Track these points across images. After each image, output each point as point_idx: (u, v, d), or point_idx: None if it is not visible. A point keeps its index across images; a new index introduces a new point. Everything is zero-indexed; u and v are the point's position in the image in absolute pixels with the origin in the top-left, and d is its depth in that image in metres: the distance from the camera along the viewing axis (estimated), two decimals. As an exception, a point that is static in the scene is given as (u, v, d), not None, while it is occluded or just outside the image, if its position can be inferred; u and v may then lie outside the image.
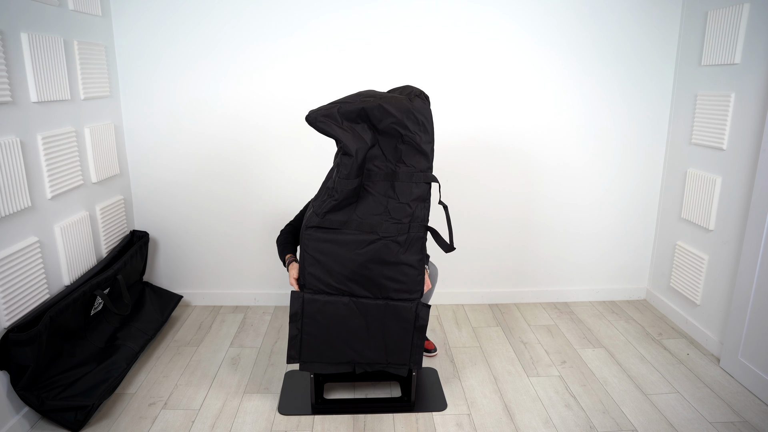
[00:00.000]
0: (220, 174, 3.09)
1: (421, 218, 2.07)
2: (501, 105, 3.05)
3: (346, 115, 1.98)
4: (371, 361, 2.21)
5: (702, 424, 2.19)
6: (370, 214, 2.05)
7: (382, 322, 2.16)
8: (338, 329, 2.16)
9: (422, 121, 1.97)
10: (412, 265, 2.09)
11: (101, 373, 2.27)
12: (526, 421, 2.22)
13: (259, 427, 2.18)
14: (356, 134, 1.98)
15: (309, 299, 2.13)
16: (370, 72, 2.96)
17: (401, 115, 1.95)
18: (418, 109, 1.96)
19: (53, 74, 2.33)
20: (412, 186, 2.04)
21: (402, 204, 2.05)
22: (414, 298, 2.15)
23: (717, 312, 2.73)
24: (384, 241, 2.06)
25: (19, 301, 2.08)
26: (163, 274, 3.25)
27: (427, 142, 2.00)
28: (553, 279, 3.34)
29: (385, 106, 1.95)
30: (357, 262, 2.08)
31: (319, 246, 2.08)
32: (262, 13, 2.88)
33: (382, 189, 2.05)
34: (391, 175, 2.03)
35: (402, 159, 2.02)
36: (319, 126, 1.98)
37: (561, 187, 3.19)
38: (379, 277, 2.10)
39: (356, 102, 1.98)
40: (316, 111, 2.00)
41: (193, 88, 2.96)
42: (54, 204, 2.35)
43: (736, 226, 2.60)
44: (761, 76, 2.43)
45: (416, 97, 1.98)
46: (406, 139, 1.98)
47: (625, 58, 3.02)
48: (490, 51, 2.97)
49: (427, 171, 2.03)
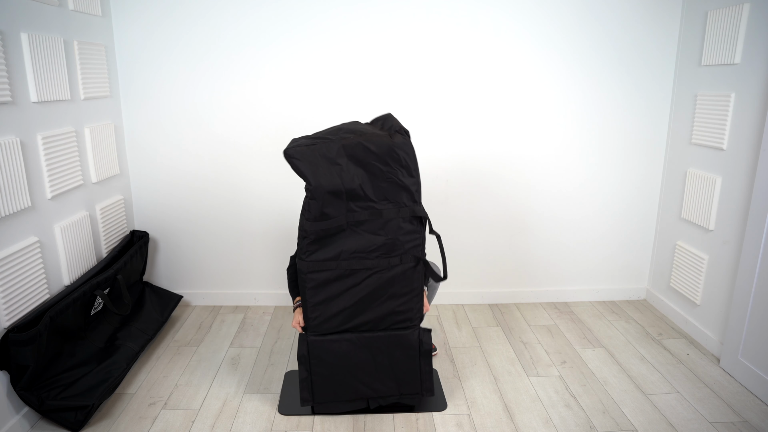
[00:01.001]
0: (220, 174, 3.09)
1: (414, 250, 2.08)
2: (501, 105, 3.05)
3: (324, 155, 1.97)
4: (384, 395, 2.21)
5: (702, 424, 2.19)
6: (360, 251, 2.06)
7: (387, 353, 2.17)
8: (346, 366, 2.16)
9: (403, 158, 1.99)
10: (408, 294, 2.12)
11: (101, 373, 2.27)
12: (526, 421, 2.22)
13: (259, 427, 2.18)
14: (327, 176, 1.96)
15: (314, 341, 2.14)
16: (370, 72, 2.96)
17: (382, 153, 1.96)
18: (399, 145, 1.97)
19: (53, 74, 2.33)
20: (400, 221, 2.05)
21: (391, 239, 2.06)
22: (414, 325, 2.18)
23: (717, 312, 2.73)
24: (378, 275, 2.08)
25: (19, 301, 2.08)
26: (163, 274, 3.25)
27: (409, 177, 2.02)
28: (553, 279, 3.34)
29: (366, 144, 1.96)
30: (354, 299, 2.10)
31: (315, 291, 2.09)
32: (263, 13, 2.88)
33: (370, 227, 2.05)
34: (376, 213, 2.03)
35: (386, 197, 2.03)
36: (293, 163, 1.97)
37: (561, 187, 3.19)
38: (378, 310, 2.12)
39: (336, 140, 1.98)
40: (294, 148, 1.97)
41: (193, 87, 2.97)
42: (54, 204, 2.35)
43: (736, 226, 2.60)
44: (761, 76, 2.43)
45: (396, 133, 1.99)
46: (387, 176, 2.00)
47: (626, 58, 3.02)
48: (490, 51, 2.97)
49: (413, 205, 2.05)
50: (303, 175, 1.97)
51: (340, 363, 2.16)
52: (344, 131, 2.02)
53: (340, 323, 2.13)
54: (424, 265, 2.12)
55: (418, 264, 2.09)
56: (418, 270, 2.10)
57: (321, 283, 2.08)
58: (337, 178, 1.96)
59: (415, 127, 3.05)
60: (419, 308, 2.15)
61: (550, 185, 3.18)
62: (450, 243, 3.23)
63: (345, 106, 3.01)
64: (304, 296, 2.11)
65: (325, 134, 2.03)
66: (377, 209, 2.03)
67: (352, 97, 2.99)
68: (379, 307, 2.12)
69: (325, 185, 1.96)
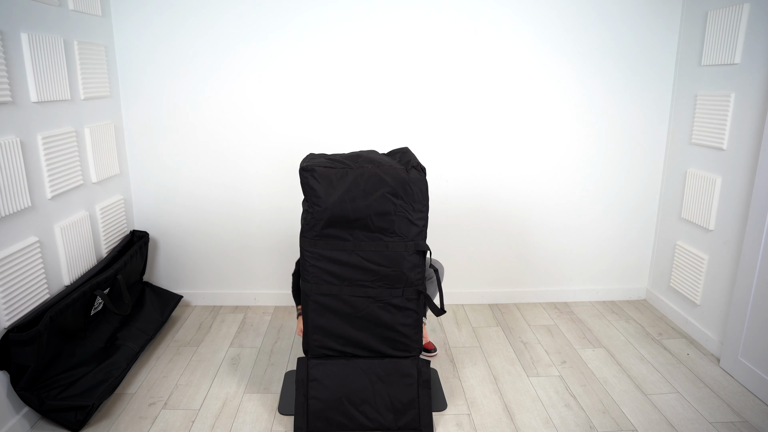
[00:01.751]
0: (220, 173, 3.09)
1: (416, 283, 2.12)
2: (501, 105, 3.05)
3: (341, 180, 2.01)
4: (381, 428, 2.17)
5: (702, 424, 2.19)
6: (364, 280, 2.10)
7: (386, 381, 2.16)
8: (344, 392, 2.14)
9: (417, 193, 2.03)
10: (408, 325, 2.15)
11: (101, 373, 2.27)
12: (526, 421, 2.22)
13: (259, 427, 2.18)
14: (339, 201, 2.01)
15: (314, 364, 2.16)
16: (370, 71, 2.96)
17: (396, 186, 2.00)
18: (414, 180, 2.01)
19: (53, 74, 2.33)
20: (405, 254, 2.08)
21: (395, 271, 2.09)
22: (413, 355, 2.19)
23: (717, 312, 2.73)
24: (380, 304, 2.11)
25: (19, 301, 2.08)
26: (163, 274, 3.25)
27: (419, 212, 2.05)
28: (553, 279, 3.34)
29: (382, 176, 2.00)
30: (355, 326, 2.13)
31: (317, 315, 2.12)
32: (264, 13, 2.88)
33: (375, 258, 2.08)
34: (383, 245, 2.07)
35: (394, 230, 2.06)
36: (309, 179, 2.01)
37: (561, 187, 3.19)
38: (378, 339, 2.15)
39: (354, 168, 2.02)
40: (313, 166, 2.01)
41: (193, 87, 2.97)
42: (54, 204, 2.35)
43: (736, 226, 2.60)
44: (761, 76, 2.43)
45: (413, 169, 2.03)
46: (399, 210, 2.03)
47: (625, 58, 3.02)
48: (490, 51, 2.97)
49: (418, 240, 2.08)
50: (314, 193, 2.00)
51: (338, 388, 2.13)
52: (363, 159, 2.07)
53: (340, 348, 2.16)
54: (424, 298, 2.17)
55: (419, 296, 2.14)
56: (418, 302, 2.14)
57: (323, 308, 2.11)
58: (349, 204, 2.00)
59: (415, 127, 3.05)
60: (418, 339, 2.18)
61: (549, 185, 3.18)
62: (450, 243, 3.23)
63: (345, 106, 3.01)
64: (306, 318, 2.14)
65: (344, 159, 2.07)
66: (384, 241, 2.07)
67: (353, 98, 2.99)
68: (379, 336, 2.15)
69: (335, 209, 2.00)
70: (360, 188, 2.00)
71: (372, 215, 2.02)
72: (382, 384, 2.15)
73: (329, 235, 2.05)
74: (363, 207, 2.01)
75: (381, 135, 3.06)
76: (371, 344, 2.15)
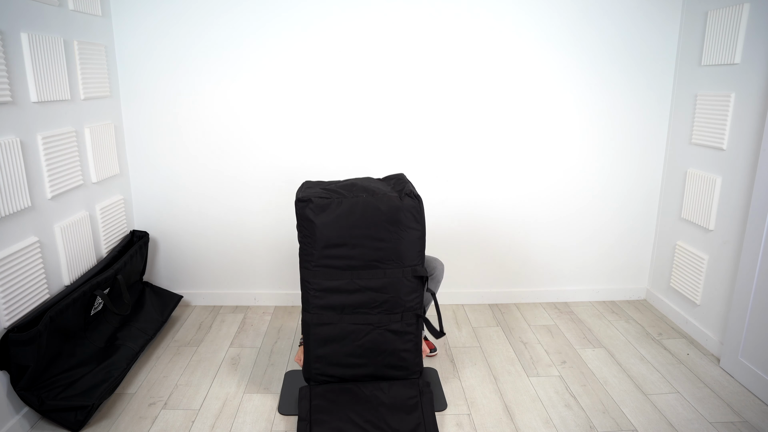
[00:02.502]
0: (220, 173, 3.09)
1: (414, 307, 2.15)
2: (501, 105, 3.05)
3: (336, 210, 2.05)
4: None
5: (702, 424, 2.19)
6: (363, 307, 2.13)
7: (387, 405, 2.16)
8: (347, 416, 2.13)
9: (412, 220, 2.07)
10: (408, 350, 2.19)
11: (101, 373, 2.27)
12: (526, 421, 2.22)
13: (259, 427, 2.18)
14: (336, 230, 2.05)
15: (316, 392, 2.18)
16: (369, 72, 2.96)
17: (391, 214, 2.04)
18: (408, 207, 2.05)
19: (53, 74, 2.33)
20: (403, 280, 2.12)
21: (394, 297, 2.13)
22: (414, 377, 2.23)
23: (717, 312, 2.73)
24: (379, 330, 2.15)
25: (19, 301, 2.08)
26: (163, 274, 3.25)
27: (416, 239, 2.09)
28: (553, 279, 3.34)
29: (377, 204, 2.04)
30: (356, 353, 2.17)
31: (318, 344, 2.16)
32: (263, 12, 2.88)
33: (374, 285, 2.12)
34: (381, 272, 2.10)
35: (391, 257, 2.09)
36: (305, 211, 2.04)
37: (561, 187, 3.19)
38: (379, 364, 2.19)
39: (349, 197, 2.06)
40: (309, 198, 2.05)
41: (193, 87, 2.97)
42: (54, 204, 2.35)
43: (736, 226, 2.60)
44: (761, 76, 2.43)
45: (406, 196, 2.06)
46: (394, 237, 2.07)
47: (625, 58, 3.02)
48: (490, 52, 2.97)
49: (416, 266, 2.12)
50: (311, 223, 2.04)
51: (341, 413, 2.13)
52: (357, 188, 2.11)
53: (341, 374, 2.20)
54: (423, 322, 2.20)
55: (418, 321, 2.17)
56: (417, 327, 2.18)
57: (324, 338, 2.16)
58: (345, 233, 2.05)
59: (415, 127, 3.05)
60: (419, 362, 2.22)
61: (549, 185, 3.18)
62: (450, 243, 3.23)
63: (346, 107, 3.01)
64: (307, 347, 2.18)
65: (339, 188, 2.12)
66: (381, 268, 2.10)
67: (353, 99, 2.99)
68: (380, 362, 2.19)
69: (332, 238, 2.05)
70: (356, 217, 2.05)
71: (368, 243, 2.07)
72: (384, 408, 2.15)
73: (328, 265, 2.10)
74: (359, 235, 2.06)
75: (381, 130, 3.05)
76: (372, 370, 2.20)
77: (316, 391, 2.18)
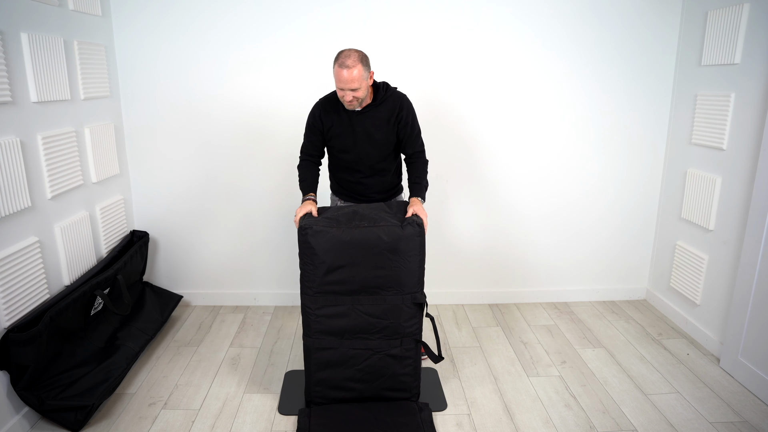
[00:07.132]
0: (220, 173, 3.09)
1: (414, 333, 2.20)
2: (501, 105, 3.05)
3: (338, 239, 2.09)
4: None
5: (702, 424, 2.19)
6: (363, 332, 2.17)
7: (387, 425, 2.16)
8: (346, 426, 2.15)
9: (413, 248, 2.11)
10: (407, 374, 2.23)
11: (101, 373, 2.27)
12: (526, 421, 2.22)
13: (259, 427, 2.18)
14: (338, 258, 2.10)
15: (316, 412, 2.19)
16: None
17: (392, 242, 2.09)
18: (409, 236, 2.10)
19: (53, 74, 2.33)
20: (403, 306, 2.16)
21: (393, 323, 2.17)
22: (413, 399, 2.26)
23: (717, 312, 2.73)
24: (379, 355, 2.20)
25: (19, 301, 2.08)
26: (163, 274, 3.25)
27: (416, 267, 2.14)
28: (553, 279, 3.34)
29: (378, 233, 2.09)
30: (356, 376, 2.21)
31: (319, 368, 2.20)
32: (263, 12, 2.88)
33: (374, 311, 2.16)
34: (381, 299, 2.15)
35: (391, 284, 2.14)
36: (308, 239, 2.09)
37: (561, 187, 3.19)
38: (378, 387, 2.23)
39: (352, 227, 2.11)
40: (312, 228, 2.09)
41: (192, 87, 2.96)
42: (54, 204, 2.35)
43: (736, 226, 2.60)
44: (761, 76, 2.43)
45: (408, 225, 2.11)
46: (395, 265, 2.11)
47: (626, 58, 3.02)
48: (491, 51, 2.97)
49: (416, 293, 2.16)
50: (313, 251, 2.09)
51: (340, 424, 2.14)
52: (359, 217, 2.16)
53: (341, 397, 2.23)
54: (422, 346, 2.25)
55: (416, 345, 2.21)
56: (416, 351, 2.22)
57: (325, 363, 2.19)
58: (346, 260, 2.10)
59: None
60: (417, 385, 2.26)
61: (550, 185, 3.18)
62: (450, 243, 3.23)
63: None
64: (308, 371, 2.21)
65: (341, 216, 2.16)
66: (382, 295, 2.15)
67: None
68: (379, 385, 2.22)
69: (333, 266, 2.10)
70: (357, 246, 2.09)
71: (369, 271, 2.11)
72: (385, 427, 2.15)
73: (329, 291, 2.13)
74: (360, 263, 2.10)
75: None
76: (372, 393, 2.23)
77: (316, 411, 2.19)
